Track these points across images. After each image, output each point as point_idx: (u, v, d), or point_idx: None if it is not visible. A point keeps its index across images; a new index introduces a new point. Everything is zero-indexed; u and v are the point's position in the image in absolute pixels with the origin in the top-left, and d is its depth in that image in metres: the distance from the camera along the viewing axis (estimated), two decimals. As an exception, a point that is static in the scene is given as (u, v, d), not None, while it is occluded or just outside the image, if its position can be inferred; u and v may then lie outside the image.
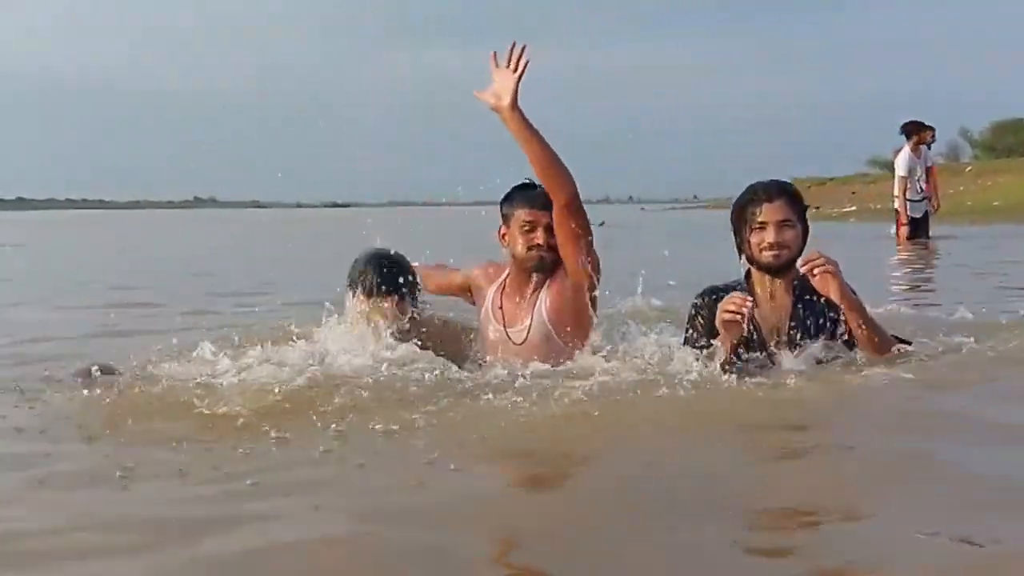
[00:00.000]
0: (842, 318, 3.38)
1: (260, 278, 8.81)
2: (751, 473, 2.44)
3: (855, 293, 3.40)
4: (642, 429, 2.79)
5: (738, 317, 3.24)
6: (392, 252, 3.73)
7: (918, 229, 12.61)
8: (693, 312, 3.56)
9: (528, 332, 3.62)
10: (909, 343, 3.52)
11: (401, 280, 3.64)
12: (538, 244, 3.59)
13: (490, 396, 3.04)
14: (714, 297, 3.44)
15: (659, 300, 4.77)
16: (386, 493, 2.26)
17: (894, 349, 3.43)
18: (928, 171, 12.66)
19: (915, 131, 12.63)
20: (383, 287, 3.60)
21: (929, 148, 13.03)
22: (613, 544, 1.91)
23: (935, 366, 3.40)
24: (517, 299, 3.70)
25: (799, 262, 3.34)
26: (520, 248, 3.62)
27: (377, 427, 2.73)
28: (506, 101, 3.46)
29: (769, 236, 3.38)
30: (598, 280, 3.60)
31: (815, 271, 3.30)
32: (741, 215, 3.47)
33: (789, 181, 3.60)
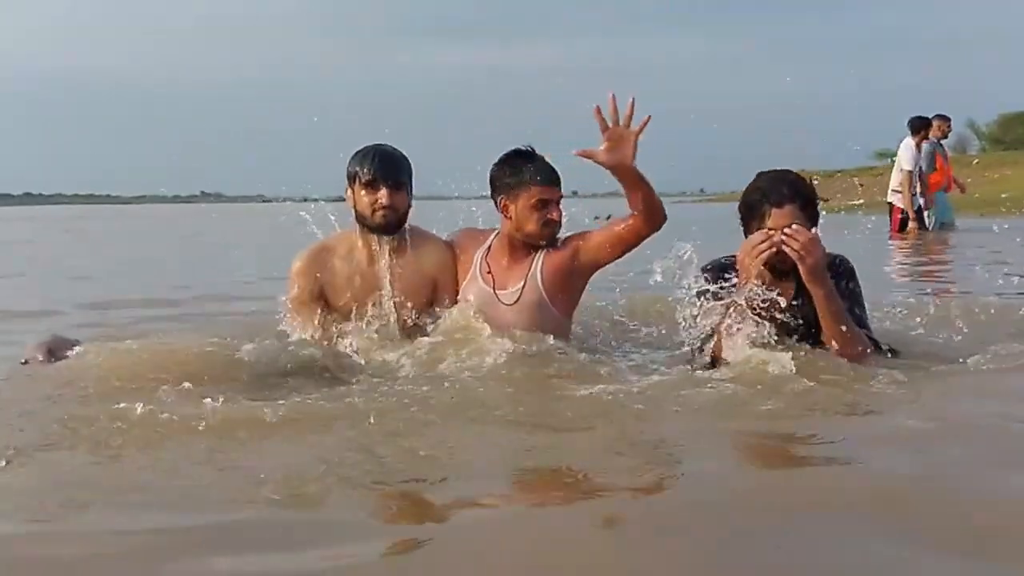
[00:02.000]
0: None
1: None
2: (748, 481, 2.37)
3: (855, 285, 3.40)
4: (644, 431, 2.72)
5: (771, 244, 3.23)
6: (391, 145, 3.69)
7: (915, 222, 12.55)
8: (705, 289, 3.48)
9: (521, 294, 3.62)
10: (891, 351, 3.40)
11: (401, 172, 3.60)
12: (553, 220, 3.62)
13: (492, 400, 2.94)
14: (721, 273, 3.42)
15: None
16: (391, 499, 2.19)
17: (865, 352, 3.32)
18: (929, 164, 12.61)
19: (922, 127, 12.60)
20: (381, 175, 3.54)
21: (946, 138, 13.02)
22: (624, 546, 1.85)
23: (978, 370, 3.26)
24: (506, 263, 3.69)
25: (786, 231, 3.26)
26: (533, 225, 3.61)
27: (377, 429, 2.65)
28: (629, 162, 3.32)
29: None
30: None
31: (789, 248, 3.24)
32: (750, 211, 3.41)
33: (797, 173, 3.47)
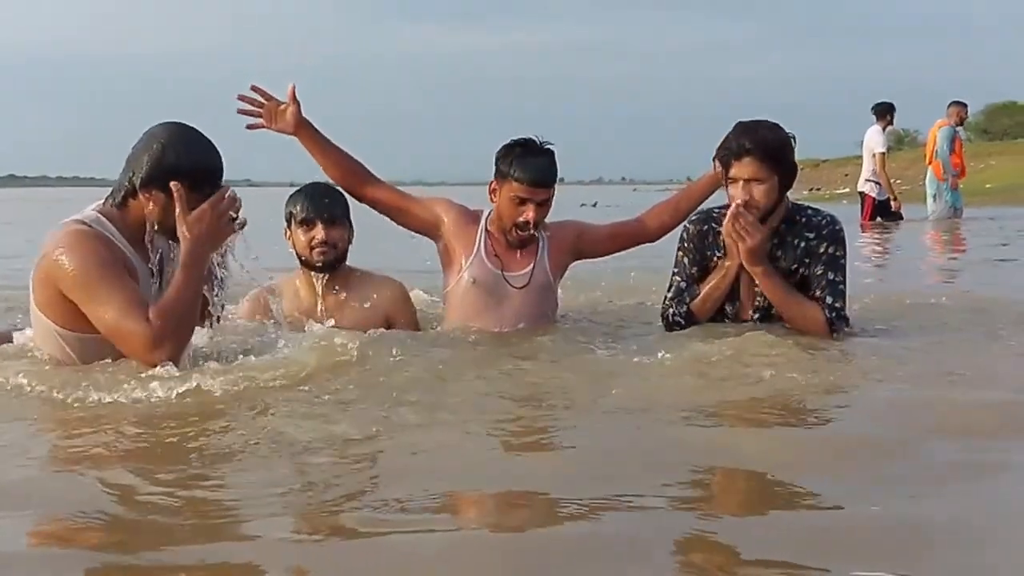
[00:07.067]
0: (808, 270, 3.44)
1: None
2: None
3: (835, 249, 3.44)
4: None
5: (745, 220, 3.30)
6: (326, 183, 3.70)
7: (886, 211, 12.57)
8: (685, 236, 3.59)
9: (531, 278, 3.70)
10: (842, 319, 3.41)
11: (336, 208, 3.61)
12: (525, 222, 3.60)
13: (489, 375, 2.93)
14: (705, 227, 3.54)
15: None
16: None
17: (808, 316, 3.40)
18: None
19: (886, 111, 12.62)
20: (315, 212, 3.56)
21: (962, 124, 13.05)
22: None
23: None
24: (506, 244, 3.71)
25: (731, 211, 3.34)
26: (507, 220, 3.63)
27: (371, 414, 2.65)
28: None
29: (737, 194, 3.37)
30: None
31: (731, 227, 3.32)
32: (722, 164, 3.45)
33: (770, 125, 3.44)
